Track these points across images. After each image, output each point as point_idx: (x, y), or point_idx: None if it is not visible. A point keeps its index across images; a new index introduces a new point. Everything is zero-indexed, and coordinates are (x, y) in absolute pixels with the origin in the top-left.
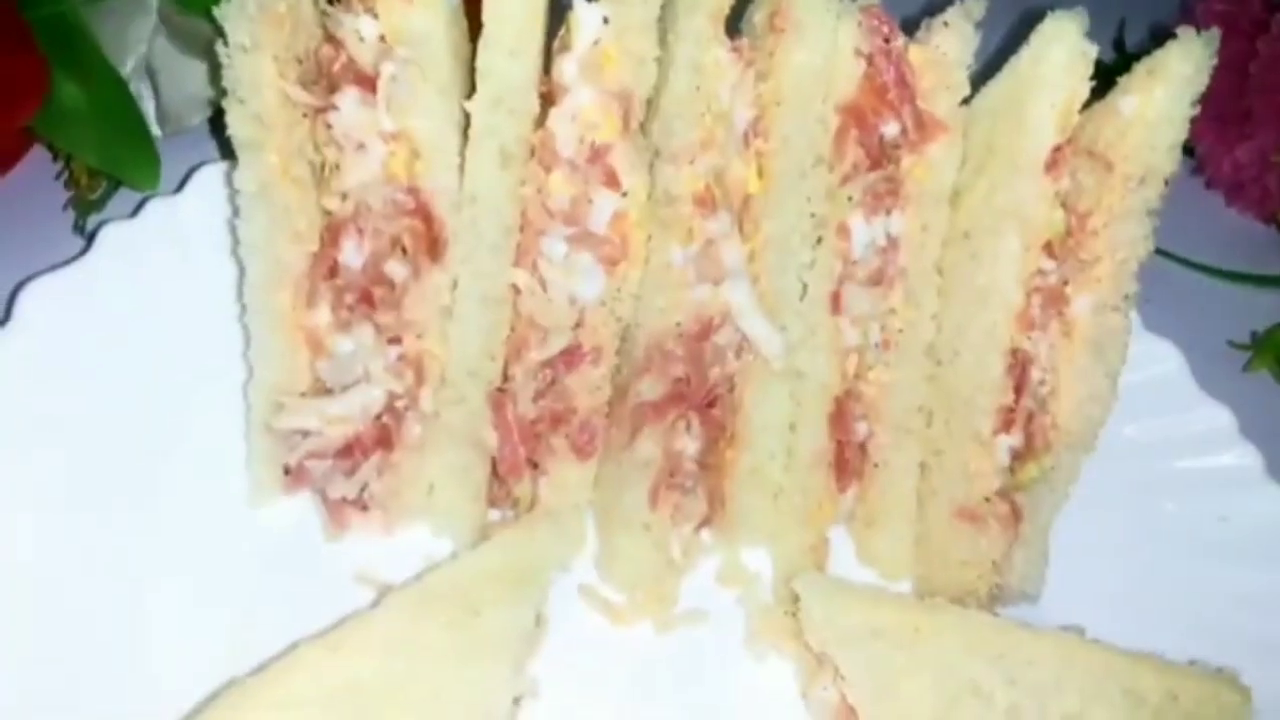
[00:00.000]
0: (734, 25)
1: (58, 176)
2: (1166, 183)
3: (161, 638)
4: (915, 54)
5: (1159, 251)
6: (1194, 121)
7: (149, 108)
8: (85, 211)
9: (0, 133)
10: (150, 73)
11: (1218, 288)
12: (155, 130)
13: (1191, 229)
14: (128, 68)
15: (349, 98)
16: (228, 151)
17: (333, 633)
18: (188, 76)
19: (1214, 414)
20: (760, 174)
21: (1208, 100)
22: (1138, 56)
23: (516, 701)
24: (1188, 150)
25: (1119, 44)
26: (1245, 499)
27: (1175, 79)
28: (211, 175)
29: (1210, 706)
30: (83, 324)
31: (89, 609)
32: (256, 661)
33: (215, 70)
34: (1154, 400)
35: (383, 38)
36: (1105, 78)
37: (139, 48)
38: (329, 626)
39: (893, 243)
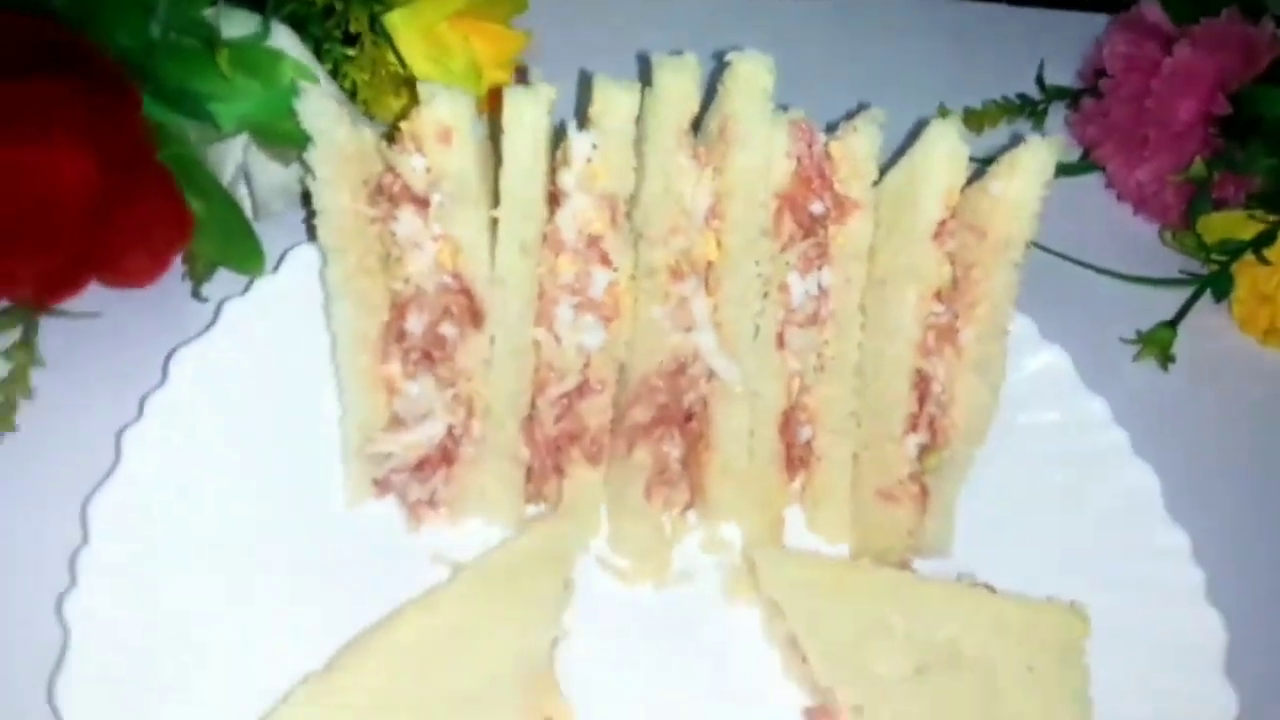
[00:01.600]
0: (695, 127)
1: None
2: (1027, 245)
3: (276, 612)
4: (835, 149)
5: (1068, 258)
6: (1104, 144)
7: (245, 200)
8: (200, 283)
9: (150, 270)
10: (245, 175)
11: (1117, 289)
12: (250, 217)
13: (1102, 236)
14: (229, 176)
15: (406, 212)
16: (310, 233)
17: (424, 597)
18: (274, 175)
19: (1091, 403)
20: (718, 246)
21: (1113, 128)
22: (1060, 91)
23: (554, 644)
24: (1102, 167)
25: (1040, 80)
26: (1116, 472)
27: (1028, 172)
28: (301, 255)
29: (1060, 630)
30: (218, 379)
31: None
32: (363, 623)
33: (301, 182)
34: (1045, 394)
35: (429, 169)
36: (1031, 111)
37: (237, 159)
38: (418, 595)
39: (824, 292)
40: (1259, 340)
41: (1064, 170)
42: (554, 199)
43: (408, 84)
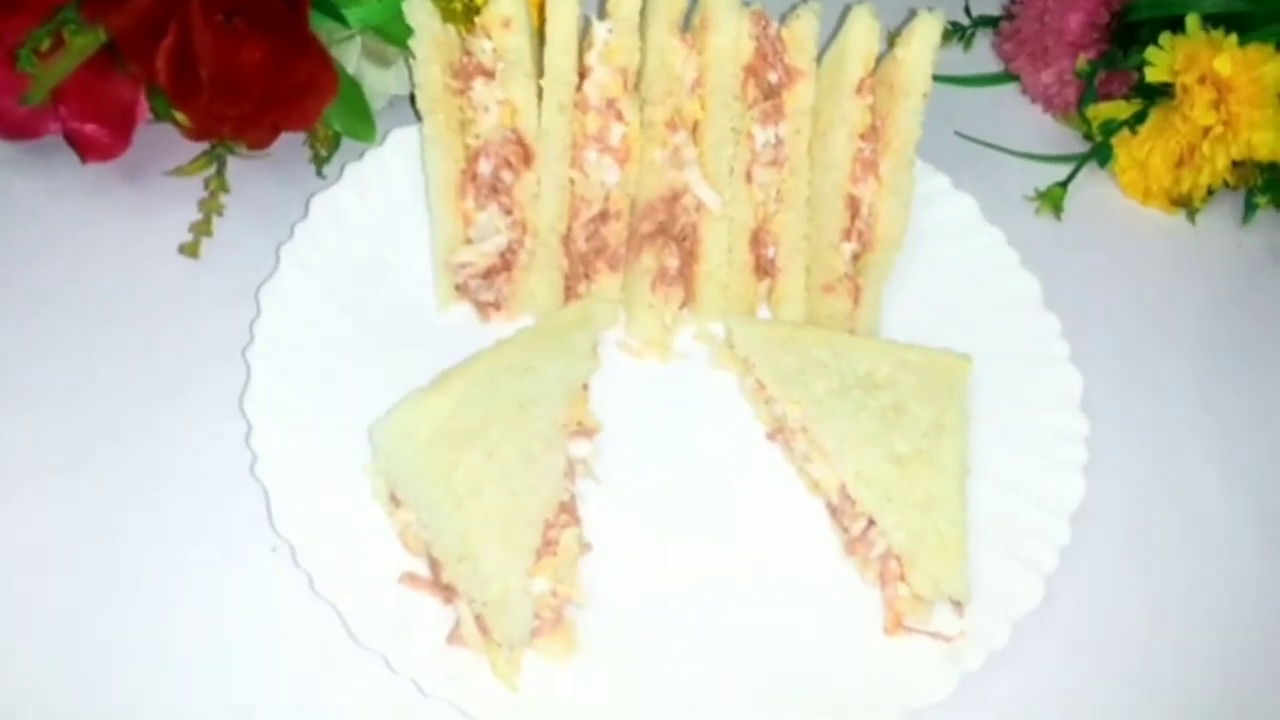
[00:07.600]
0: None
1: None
2: (924, 96)
3: (399, 370)
4: (785, 32)
5: (986, 143)
6: (1017, 57)
7: None
8: (321, 163)
9: (310, 118)
10: (358, 78)
11: (1026, 167)
12: None
13: (1015, 130)
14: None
15: (478, 83)
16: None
17: (495, 345)
18: (377, 80)
19: (991, 233)
20: (702, 107)
21: (1023, 43)
22: (984, 19)
23: (585, 387)
24: (1017, 76)
25: (967, 10)
26: (1006, 279)
27: (920, 39)
28: (401, 134)
29: (950, 368)
30: (344, 215)
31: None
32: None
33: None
34: (954, 226)
35: (495, 50)
36: (960, 35)
37: (353, 65)
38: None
39: (780, 140)
40: (1140, 201)
41: (989, 80)
42: (582, 72)
43: None
